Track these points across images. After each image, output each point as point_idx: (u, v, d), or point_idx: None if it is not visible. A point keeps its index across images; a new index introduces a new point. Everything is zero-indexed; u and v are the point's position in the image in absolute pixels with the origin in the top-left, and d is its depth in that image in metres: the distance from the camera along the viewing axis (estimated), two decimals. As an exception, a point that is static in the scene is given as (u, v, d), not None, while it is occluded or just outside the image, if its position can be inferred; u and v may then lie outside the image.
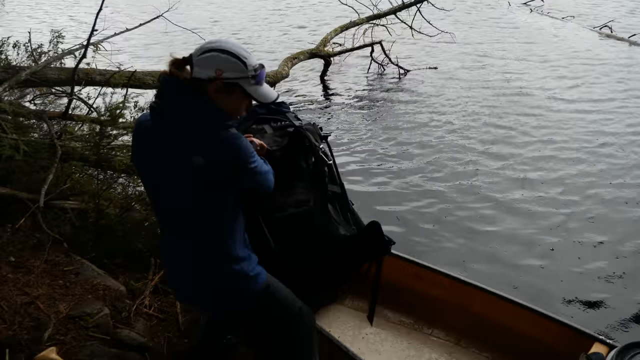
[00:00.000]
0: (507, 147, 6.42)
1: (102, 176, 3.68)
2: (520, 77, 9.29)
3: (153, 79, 5.38)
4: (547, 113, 7.57)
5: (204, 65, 1.71)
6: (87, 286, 2.91)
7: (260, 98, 1.84)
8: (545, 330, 2.83)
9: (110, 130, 3.71)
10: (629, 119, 7.30)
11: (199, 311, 2.88)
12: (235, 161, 1.78)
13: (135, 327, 2.80)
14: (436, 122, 7.30)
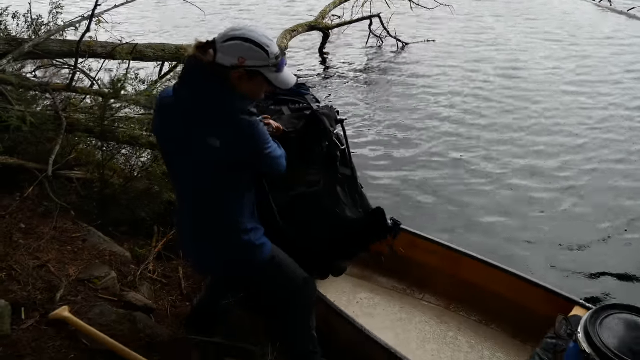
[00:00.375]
0: (503, 120, 6.56)
1: (106, 147, 3.77)
2: (520, 51, 9.33)
3: (154, 51, 5.45)
4: (547, 87, 7.65)
5: (227, 53, 1.78)
6: (95, 252, 3.05)
7: (281, 85, 1.91)
8: (530, 294, 3.00)
9: (114, 103, 3.79)
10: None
11: (205, 276, 3.04)
12: (249, 146, 1.88)
13: (140, 291, 2.94)
14: (433, 96, 7.39)
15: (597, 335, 2.11)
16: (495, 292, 3.15)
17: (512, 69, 8.42)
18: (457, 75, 8.15)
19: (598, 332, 2.13)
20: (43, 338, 2.13)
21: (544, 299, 2.93)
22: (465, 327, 3.18)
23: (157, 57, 5.49)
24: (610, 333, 2.13)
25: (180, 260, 3.46)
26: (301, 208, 2.37)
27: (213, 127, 1.84)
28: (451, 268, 3.33)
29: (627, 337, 2.11)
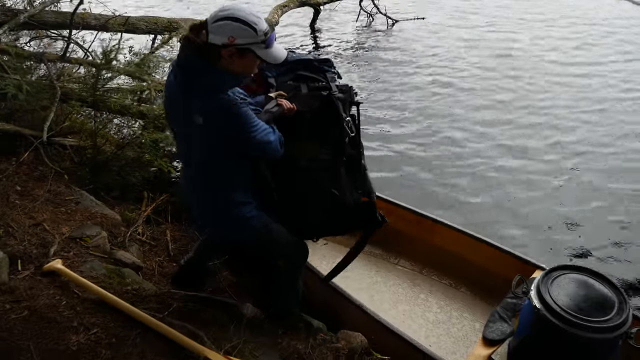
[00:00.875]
0: (494, 98, 6.70)
1: (99, 116, 3.93)
2: (512, 32, 9.41)
3: (146, 24, 5.57)
4: (540, 66, 7.75)
5: (217, 32, 1.88)
6: (87, 214, 3.23)
7: (271, 60, 2.01)
8: (498, 260, 3.20)
9: (106, 73, 3.93)
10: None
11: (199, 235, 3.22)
12: (228, 126, 2.00)
13: (129, 251, 3.13)
14: (422, 73, 7.53)
15: (547, 292, 2.27)
16: (466, 258, 3.35)
17: (504, 48, 8.51)
18: (447, 54, 8.25)
19: (549, 289, 2.29)
20: (38, 287, 2.32)
21: (510, 264, 3.12)
22: (436, 290, 3.39)
23: (149, 30, 5.60)
24: (560, 291, 2.29)
25: (168, 224, 3.66)
26: (301, 182, 2.40)
27: (199, 105, 1.99)
28: (425, 235, 3.53)
29: (575, 295, 2.27)
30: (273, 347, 2.47)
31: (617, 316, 2.17)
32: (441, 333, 3.06)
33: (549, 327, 2.20)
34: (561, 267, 2.44)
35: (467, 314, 3.19)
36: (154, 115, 3.80)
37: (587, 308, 2.20)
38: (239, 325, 2.45)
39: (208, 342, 2.20)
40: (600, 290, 2.29)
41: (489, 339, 2.63)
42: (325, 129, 2.35)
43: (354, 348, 2.55)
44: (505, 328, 2.68)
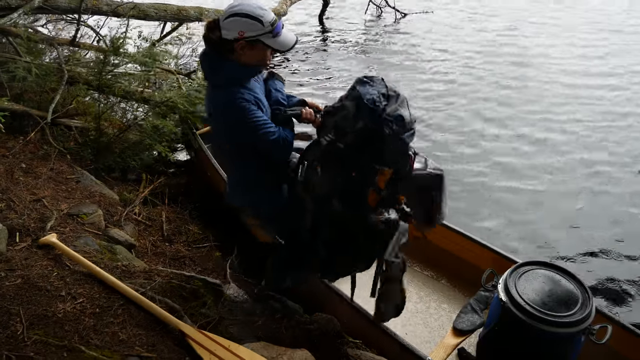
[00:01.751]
0: (500, 92, 6.78)
1: (104, 100, 4.11)
2: (520, 25, 9.43)
3: (156, 11, 5.71)
4: (547, 61, 7.81)
5: (228, 28, 2.11)
6: (86, 192, 3.42)
7: (279, 47, 2.19)
8: (477, 253, 3.30)
9: (113, 60, 4.09)
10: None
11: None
12: (226, 114, 2.23)
13: (124, 229, 3.31)
14: (429, 68, 7.61)
15: (514, 286, 2.37)
16: (448, 251, 3.45)
17: (511, 43, 8.58)
18: (454, 47, 8.33)
19: (516, 284, 2.39)
20: (32, 258, 2.50)
21: (489, 258, 3.23)
22: (417, 281, 3.47)
23: (159, 17, 5.74)
24: (527, 285, 2.39)
25: (164, 206, 3.84)
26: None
27: (211, 96, 2.28)
28: (410, 227, 3.63)
29: (541, 290, 2.36)
30: (249, 326, 2.63)
31: (579, 312, 2.25)
32: (418, 322, 3.15)
33: (514, 320, 2.29)
34: (530, 262, 2.54)
35: (445, 304, 3.28)
36: (155, 102, 3.96)
37: (551, 303, 2.29)
38: (217, 303, 2.61)
39: (185, 316, 2.37)
40: (565, 287, 2.38)
41: (458, 329, 2.74)
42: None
43: (327, 331, 2.69)
44: (475, 319, 2.78)
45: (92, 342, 2.08)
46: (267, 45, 2.16)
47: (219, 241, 3.75)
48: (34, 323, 2.09)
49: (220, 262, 3.52)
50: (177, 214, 3.85)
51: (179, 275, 2.84)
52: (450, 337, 2.74)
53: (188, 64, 5.94)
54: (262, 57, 2.22)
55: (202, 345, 2.18)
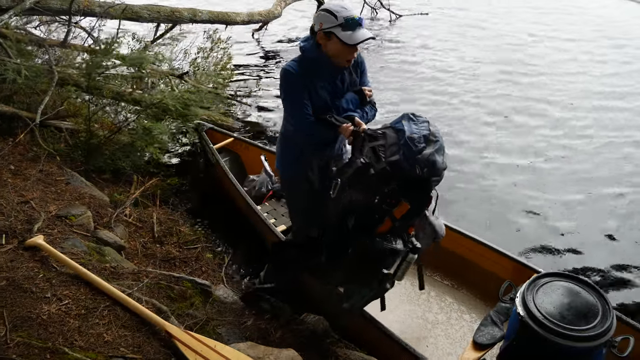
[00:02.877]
0: (494, 94, 6.76)
1: (95, 101, 4.09)
2: (516, 27, 9.43)
3: (149, 12, 5.69)
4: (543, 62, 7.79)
5: (315, 21, 2.42)
6: (75, 194, 3.40)
7: (346, 40, 2.34)
8: (497, 262, 3.23)
9: (103, 61, 4.08)
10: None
11: None
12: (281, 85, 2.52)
13: (114, 231, 3.30)
14: (424, 69, 7.60)
15: (532, 300, 2.28)
16: (469, 260, 3.36)
17: (506, 44, 8.59)
18: (449, 49, 8.32)
19: (534, 297, 2.29)
20: (19, 259, 2.48)
21: (510, 267, 3.16)
22: (437, 290, 3.38)
23: (152, 19, 5.72)
24: (545, 298, 2.29)
25: (155, 208, 3.82)
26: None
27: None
28: None
29: (559, 303, 2.27)
30: (237, 326, 2.62)
31: (600, 325, 2.17)
32: (439, 334, 3.07)
33: (532, 335, 2.20)
34: (549, 274, 2.45)
35: (466, 315, 3.20)
36: (146, 104, 3.95)
37: (570, 316, 2.21)
38: (206, 304, 2.60)
39: (172, 317, 2.36)
40: (585, 298, 2.29)
41: (478, 343, 2.61)
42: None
43: (316, 330, 2.68)
44: (495, 332, 2.65)
45: (76, 344, 2.06)
46: (338, 37, 2.35)
47: (210, 243, 3.75)
48: (18, 325, 2.07)
49: (211, 263, 3.51)
50: (169, 215, 3.84)
51: (167, 276, 2.82)
52: (471, 352, 2.61)
53: (181, 65, 5.91)
54: (337, 50, 2.41)
55: (188, 346, 2.16)
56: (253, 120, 5.88)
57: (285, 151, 2.78)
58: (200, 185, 4.48)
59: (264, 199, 4.08)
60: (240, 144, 4.45)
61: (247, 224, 3.80)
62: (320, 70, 2.49)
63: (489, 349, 2.61)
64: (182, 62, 5.95)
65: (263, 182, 4.11)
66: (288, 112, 2.57)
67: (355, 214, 2.37)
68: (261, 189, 4.09)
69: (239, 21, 7.26)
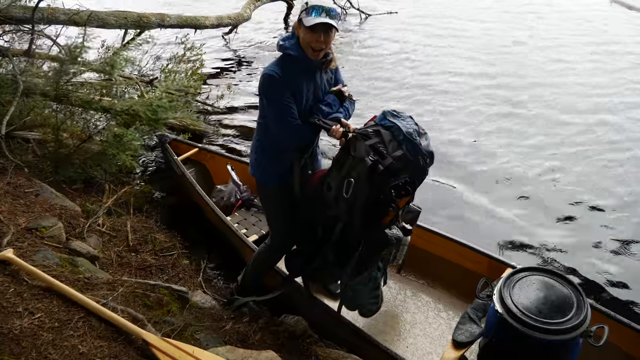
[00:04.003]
0: (465, 89, 6.85)
1: (62, 110, 4.02)
2: (484, 23, 9.56)
3: (116, 19, 5.62)
4: (504, 56, 7.93)
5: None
6: (46, 206, 3.33)
7: (305, 23, 2.36)
8: (470, 258, 3.26)
9: (71, 69, 4.00)
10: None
11: None
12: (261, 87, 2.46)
13: (87, 241, 3.24)
14: (394, 65, 7.68)
15: (509, 295, 2.32)
16: (442, 258, 3.39)
17: (474, 38, 8.72)
18: (419, 46, 8.41)
19: (510, 293, 2.33)
20: (-12, 275, 2.43)
21: (483, 262, 3.20)
22: (413, 290, 3.39)
23: (119, 25, 5.65)
24: (521, 293, 2.33)
25: (129, 216, 3.77)
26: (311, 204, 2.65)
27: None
28: None
29: (535, 297, 2.31)
30: (216, 331, 2.60)
31: (575, 316, 2.21)
32: (418, 334, 3.08)
33: (511, 331, 2.24)
34: (524, 269, 2.48)
35: (443, 313, 3.23)
36: (116, 111, 3.90)
37: (546, 310, 2.25)
38: (183, 310, 2.57)
39: (148, 325, 2.33)
40: (560, 291, 2.34)
41: (458, 342, 2.65)
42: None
43: (294, 331, 2.68)
44: (474, 329, 2.70)
45: (50, 357, 2.02)
46: (302, 24, 2.37)
47: (187, 248, 3.72)
48: (-12, 341, 2.02)
49: (188, 269, 3.48)
50: (143, 223, 3.79)
51: (143, 284, 2.79)
52: (451, 351, 2.65)
53: (151, 71, 5.85)
54: (305, 39, 2.40)
55: (166, 353, 2.14)
56: (225, 124, 5.85)
57: (262, 157, 2.72)
58: (175, 191, 4.44)
59: (234, 209, 4.04)
60: (206, 154, 4.41)
61: (219, 235, 3.77)
62: (301, 68, 2.47)
63: (469, 347, 2.63)
64: (152, 68, 5.88)
65: (231, 191, 4.08)
66: (273, 118, 2.49)
67: (364, 209, 2.42)
68: (230, 199, 4.06)
69: (208, 25, 7.22)
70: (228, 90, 6.59)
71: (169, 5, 9.77)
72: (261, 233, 3.77)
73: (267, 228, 3.68)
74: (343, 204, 2.44)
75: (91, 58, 4.54)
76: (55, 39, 5.03)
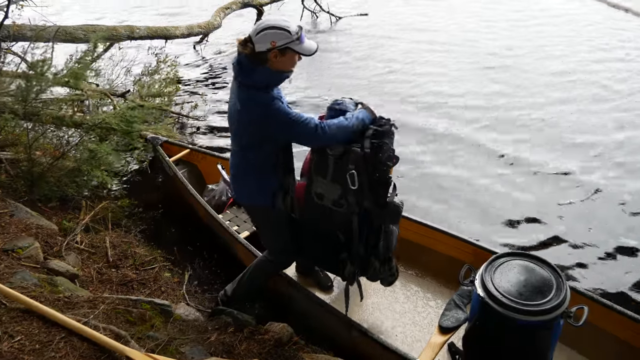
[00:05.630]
0: (437, 88, 6.92)
1: (34, 128, 3.96)
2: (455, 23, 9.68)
3: (84, 32, 5.56)
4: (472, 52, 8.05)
5: (261, 41, 2.35)
6: (21, 226, 3.28)
7: (306, 52, 2.44)
8: (457, 248, 3.33)
9: (36, 85, 3.93)
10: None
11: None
12: (266, 119, 2.43)
13: (66, 260, 3.19)
14: (366, 67, 7.74)
15: (490, 280, 2.38)
16: (430, 249, 3.45)
17: (445, 36, 8.82)
18: (390, 47, 8.47)
19: (492, 278, 2.39)
20: (-37, 300, 2.38)
21: (470, 251, 3.27)
22: (402, 280, 3.41)
23: (88, 39, 5.57)
24: (502, 277, 2.39)
25: (107, 232, 3.73)
26: (315, 210, 2.73)
27: (243, 96, 2.46)
28: None
29: (516, 281, 2.37)
30: (201, 343, 2.58)
31: (555, 297, 2.27)
32: (407, 322, 3.14)
33: (493, 314, 2.30)
34: (504, 254, 2.55)
35: (432, 302, 3.28)
36: (89, 125, 3.85)
37: (527, 292, 2.31)
38: (167, 324, 2.55)
39: (132, 341, 2.30)
40: (539, 274, 2.41)
41: (444, 327, 2.78)
42: (344, 177, 2.55)
43: (281, 338, 2.67)
44: (459, 315, 2.82)
45: (32, 381, 1.99)
46: (295, 51, 2.41)
47: (168, 261, 3.69)
48: (-34, 369, 1.98)
49: (170, 282, 3.46)
50: (122, 238, 3.75)
51: (124, 300, 2.76)
52: (437, 336, 2.77)
53: (123, 84, 5.79)
54: (290, 63, 2.47)
55: (151, 369, 2.12)
56: (201, 133, 5.83)
57: (245, 180, 2.72)
58: (154, 203, 4.42)
59: (225, 207, 4.07)
60: (197, 154, 4.48)
61: (211, 234, 3.81)
62: (278, 88, 2.55)
63: (455, 332, 2.75)
64: (124, 81, 5.83)
65: (222, 190, 4.12)
66: (296, 132, 2.47)
67: (372, 189, 2.58)
68: (221, 197, 4.11)
69: (178, 35, 7.18)
70: (202, 99, 6.57)
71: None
72: (252, 230, 3.78)
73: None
74: (353, 197, 2.55)
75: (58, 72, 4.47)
76: (23, 55, 4.95)
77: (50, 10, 7.79)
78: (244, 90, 2.47)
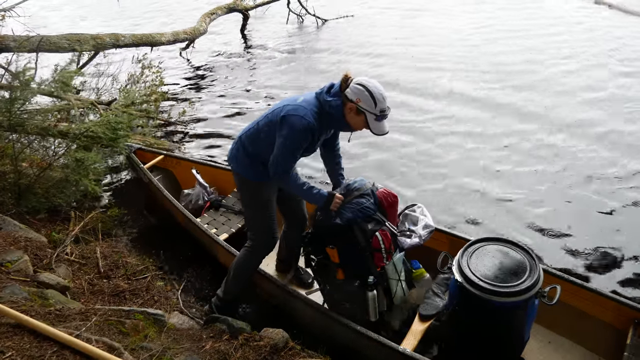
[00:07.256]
0: (424, 88, 6.91)
1: (19, 140, 3.91)
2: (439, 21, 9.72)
3: (69, 42, 5.50)
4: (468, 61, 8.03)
5: (353, 91, 2.60)
6: (10, 239, 3.23)
7: (375, 130, 2.63)
8: (434, 238, 3.23)
9: (22, 96, 3.88)
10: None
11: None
12: (281, 128, 2.64)
13: (56, 272, 3.15)
14: (352, 68, 7.67)
15: (467, 265, 2.49)
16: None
17: (433, 36, 8.83)
18: (377, 49, 8.46)
19: (468, 262, 2.50)
20: (-48, 317, 2.33)
21: (446, 241, 3.35)
22: None
23: (72, 48, 5.53)
24: (478, 262, 2.51)
25: (98, 242, 3.69)
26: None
27: (307, 100, 2.71)
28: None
29: (491, 264, 2.49)
30: (196, 352, 2.55)
31: (529, 279, 2.39)
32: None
33: (471, 297, 2.40)
34: (479, 240, 2.68)
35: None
36: (74, 135, 3.80)
37: (502, 275, 2.42)
38: (161, 334, 2.52)
39: (125, 353, 2.27)
40: (513, 257, 2.52)
41: (423, 315, 2.88)
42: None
43: (276, 344, 2.65)
44: (438, 302, 2.91)
45: (24, 396, 1.95)
46: (367, 121, 2.61)
47: (160, 270, 3.65)
48: (-42, 386, 1.94)
49: (162, 291, 3.42)
50: (113, 247, 3.72)
51: (117, 311, 2.72)
52: (418, 324, 2.87)
53: (109, 92, 5.74)
54: (358, 124, 2.67)
55: (146, 380, 2.09)
56: (189, 139, 5.79)
57: (245, 157, 2.88)
58: (142, 211, 4.38)
59: (202, 210, 4.10)
60: (171, 160, 4.50)
61: (190, 238, 3.82)
62: (331, 125, 2.76)
63: (433, 318, 2.85)
64: (109, 89, 5.78)
65: (199, 194, 4.16)
66: (280, 153, 2.67)
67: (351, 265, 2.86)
68: (198, 201, 4.15)
69: (164, 42, 7.14)
70: (190, 105, 6.52)
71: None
72: (231, 231, 3.86)
73: (236, 226, 3.91)
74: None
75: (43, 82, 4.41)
76: (7, 67, 4.89)
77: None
78: (313, 98, 2.70)
